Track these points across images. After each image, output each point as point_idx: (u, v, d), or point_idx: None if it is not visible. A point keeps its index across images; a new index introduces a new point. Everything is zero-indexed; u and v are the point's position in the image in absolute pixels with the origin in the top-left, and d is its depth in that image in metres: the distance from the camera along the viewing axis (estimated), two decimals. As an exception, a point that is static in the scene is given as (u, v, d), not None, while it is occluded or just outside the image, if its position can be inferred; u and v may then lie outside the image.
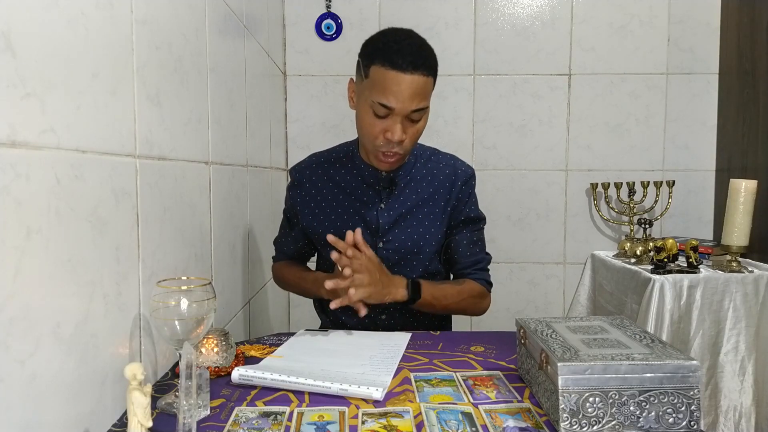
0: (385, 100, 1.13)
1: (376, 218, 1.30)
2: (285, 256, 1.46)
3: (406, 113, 1.15)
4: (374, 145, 1.21)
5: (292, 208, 1.39)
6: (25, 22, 0.58)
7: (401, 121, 1.15)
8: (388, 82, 1.12)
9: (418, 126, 1.20)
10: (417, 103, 1.14)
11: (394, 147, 1.19)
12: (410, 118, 1.16)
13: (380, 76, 1.13)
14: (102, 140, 0.74)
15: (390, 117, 1.15)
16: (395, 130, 1.15)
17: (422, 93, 1.15)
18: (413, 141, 1.21)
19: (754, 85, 2.10)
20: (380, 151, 1.21)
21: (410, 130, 1.18)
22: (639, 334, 0.82)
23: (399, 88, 1.12)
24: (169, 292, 0.72)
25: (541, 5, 2.33)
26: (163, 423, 0.75)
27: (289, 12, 2.33)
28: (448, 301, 1.29)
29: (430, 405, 0.81)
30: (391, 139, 1.16)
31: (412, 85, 1.12)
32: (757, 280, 1.82)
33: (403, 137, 1.16)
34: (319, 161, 1.37)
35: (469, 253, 1.35)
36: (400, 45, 1.14)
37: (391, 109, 1.14)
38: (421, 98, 1.15)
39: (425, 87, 1.15)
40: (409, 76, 1.12)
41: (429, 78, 1.16)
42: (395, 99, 1.12)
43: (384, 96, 1.13)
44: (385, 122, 1.16)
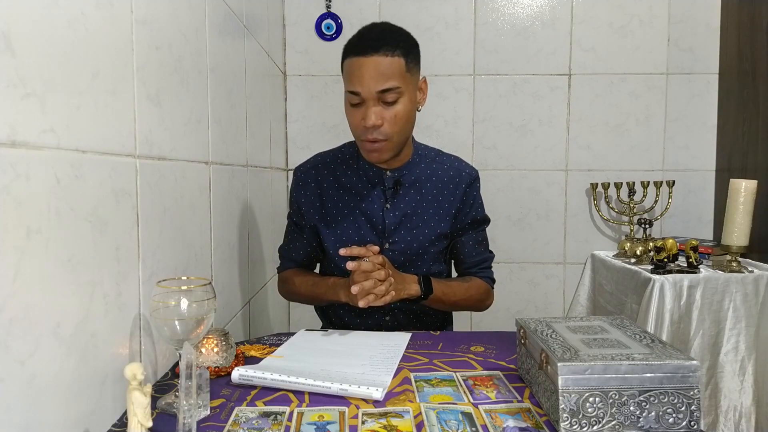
0: (351, 86, 1.17)
1: (381, 219, 1.30)
2: (293, 263, 1.40)
3: (373, 96, 1.16)
4: (358, 137, 1.22)
5: (298, 210, 1.36)
6: (25, 22, 0.58)
7: (372, 106, 1.17)
8: (352, 69, 1.17)
9: (397, 110, 1.18)
10: (381, 83, 1.15)
11: (373, 133, 1.18)
12: (383, 101, 1.17)
13: (347, 67, 1.19)
14: (102, 140, 0.74)
15: (363, 104, 1.18)
16: (368, 115, 1.17)
17: (387, 73, 1.15)
18: (395, 126, 1.19)
19: (754, 85, 2.10)
20: (364, 141, 1.21)
21: (387, 114, 1.18)
22: (639, 334, 0.82)
23: (360, 71, 1.15)
24: (169, 292, 0.72)
25: (541, 5, 2.33)
26: (163, 423, 0.75)
27: (289, 12, 2.33)
28: (456, 297, 1.31)
29: (430, 405, 0.81)
30: (366, 124, 1.17)
31: (374, 67, 1.15)
32: (757, 280, 1.82)
33: (377, 122, 1.17)
34: (324, 161, 1.37)
35: (475, 253, 1.38)
36: (361, 33, 1.20)
37: (358, 93, 1.16)
38: (386, 78, 1.15)
39: (390, 67, 1.16)
40: (370, 58, 1.15)
41: (394, 57, 1.16)
42: (359, 83, 1.16)
43: (350, 83, 1.17)
44: (360, 110, 1.19)
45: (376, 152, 1.22)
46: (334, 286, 1.27)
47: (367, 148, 1.22)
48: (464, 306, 1.37)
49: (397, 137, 1.22)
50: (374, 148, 1.21)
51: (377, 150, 1.22)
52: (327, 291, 1.29)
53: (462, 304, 1.35)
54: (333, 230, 1.32)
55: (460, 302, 1.33)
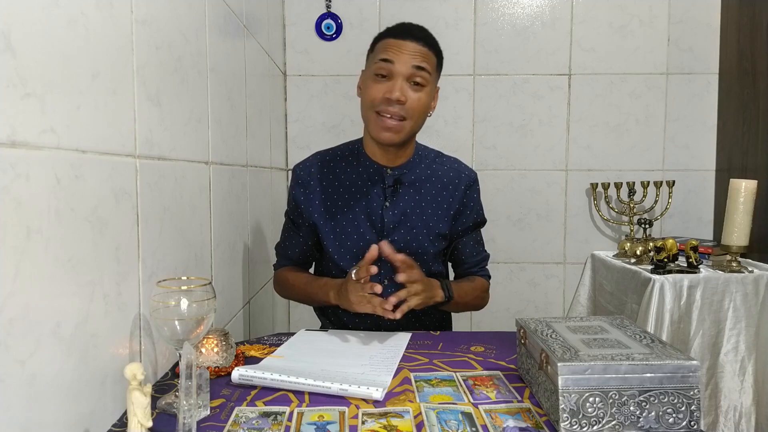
0: (386, 55, 1.21)
1: (381, 217, 1.30)
2: (289, 261, 1.41)
3: (407, 70, 1.20)
4: (374, 109, 1.23)
5: (296, 208, 1.35)
6: (25, 22, 0.58)
7: (402, 81, 1.20)
8: (390, 45, 1.22)
9: (420, 95, 1.22)
10: (418, 61, 1.20)
11: (394, 107, 1.20)
12: (412, 80, 1.21)
13: (384, 44, 1.23)
14: (102, 140, 0.74)
15: (391, 78, 1.21)
16: (395, 87, 1.20)
17: (423, 56, 1.22)
18: (415, 110, 1.22)
19: (754, 85, 2.10)
20: (381, 116, 1.22)
21: (411, 95, 1.21)
22: (639, 334, 0.82)
23: (400, 47, 1.21)
24: (169, 292, 0.72)
25: (541, 5, 2.33)
26: (163, 423, 0.75)
27: (289, 12, 2.33)
28: (467, 298, 1.35)
29: (430, 405, 0.81)
30: (391, 96, 1.19)
31: (413, 48, 1.21)
32: (757, 280, 1.82)
33: (402, 97, 1.19)
34: (324, 159, 1.37)
35: (475, 253, 1.41)
36: (405, 24, 1.26)
37: (392, 61, 1.20)
38: (422, 59, 1.21)
39: (426, 55, 1.22)
40: (411, 43, 1.21)
41: (430, 52, 1.23)
42: (395, 55, 1.20)
43: (385, 52, 1.21)
44: (386, 84, 1.21)
45: (391, 130, 1.23)
46: (325, 287, 1.27)
47: (385, 124, 1.22)
48: (471, 306, 1.40)
49: (411, 124, 1.24)
50: (391, 125, 1.22)
51: (393, 128, 1.23)
52: (318, 291, 1.29)
53: (470, 305, 1.38)
54: (332, 228, 1.32)
55: (469, 303, 1.37)
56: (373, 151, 1.32)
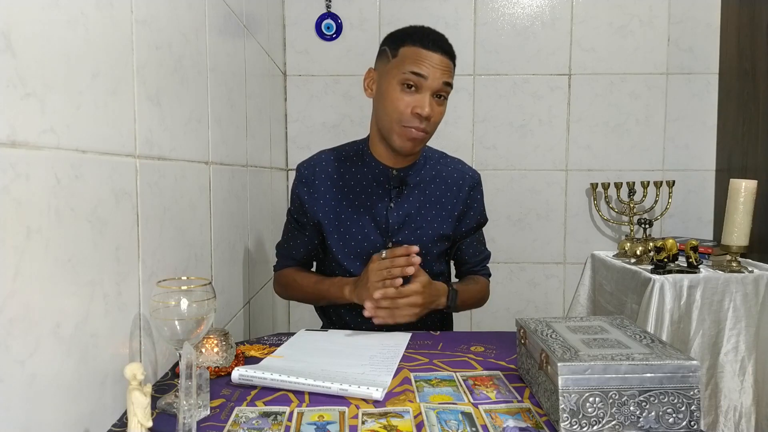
0: (419, 69, 1.19)
1: (385, 217, 1.30)
2: (293, 261, 1.40)
3: (437, 86, 1.21)
4: (401, 122, 1.23)
5: (300, 207, 1.34)
6: (25, 22, 0.58)
7: (430, 96, 1.21)
8: (422, 56, 1.20)
9: (442, 109, 1.25)
10: (447, 77, 1.22)
11: (422, 123, 1.21)
12: (438, 94, 1.22)
13: (413, 52, 1.21)
14: (102, 140, 0.74)
15: (420, 92, 1.21)
16: (425, 103, 1.20)
17: (449, 72, 1.24)
18: (436, 124, 1.25)
19: (754, 85, 2.10)
20: (408, 128, 1.22)
21: (436, 110, 1.23)
22: (639, 334, 0.82)
23: (432, 61, 1.20)
24: (169, 292, 0.72)
25: (541, 5, 2.33)
26: (163, 423, 0.75)
27: (289, 12, 2.33)
28: (472, 300, 1.38)
29: (430, 405, 0.81)
30: (421, 113, 1.20)
31: (442, 63, 1.22)
32: (757, 280, 1.82)
33: (431, 113, 1.21)
34: (329, 158, 1.36)
35: (477, 253, 1.43)
36: (429, 31, 1.26)
37: (425, 77, 1.19)
38: (449, 76, 1.24)
39: (450, 70, 1.25)
40: (440, 56, 1.21)
41: (453, 65, 1.26)
42: (428, 69, 1.20)
43: (417, 65, 1.20)
44: (414, 97, 1.21)
45: (414, 141, 1.24)
46: (339, 283, 1.27)
47: (411, 135, 1.23)
48: (475, 306, 1.42)
49: (431, 135, 1.27)
50: (416, 137, 1.23)
51: (417, 139, 1.24)
52: (331, 288, 1.28)
53: (474, 305, 1.41)
54: (336, 228, 1.32)
55: (474, 304, 1.40)
56: (380, 153, 1.32)
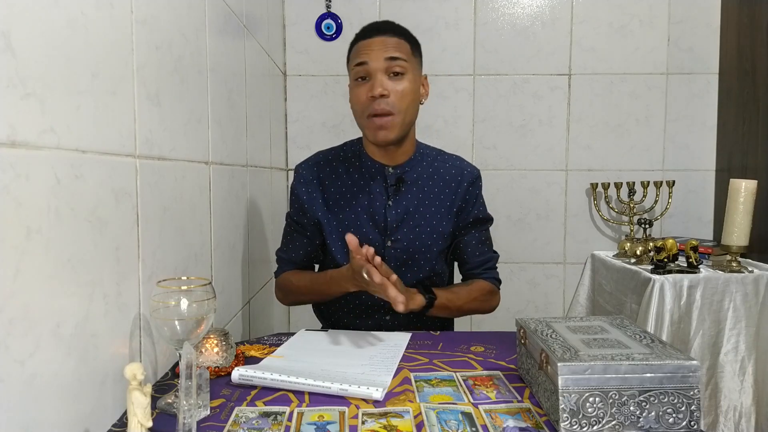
0: (359, 58, 1.23)
1: (384, 216, 1.30)
2: (292, 265, 1.38)
3: (381, 65, 1.21)
4: (364, 114, 1.23)
5: (300, 207, 1.34)
6: (25, 22, 0.58)
7: (380, 76, 1.21)
8: (361, 46, 1.24)
9: (403, 85, 1.22)
10: (390, 53, 1.21)
11: (381, 104, 1.20)
12: (390, 71, 1.22)
13: (356, 48, 1.26)
14: (102, 140, 0.74)
15: (370, 78, 1.22)
16: (375, 84, 1.21)
17: (394, 46, 1.23)
18: (402, 101, 1.22)
19: (754, 85, 2.10)
20: (371, 118, 1.22)
21: (393, 87, 1.21)
22: (639, 334, 0.82)
23: (369, 46, 1.23)
24: (169, 292, 0.72)
25: (541, 5, 2.33)
26: (163, 423, 0.75)
27: (289, 12, 2.33)
28: (461, 301, 1.30)
29: (430, 405, 0.81)
30: (373, 93, 1.20)
31: (382, 42, 1.22)
32: (757, 280, 1.82)
33: (384, 91, 1.20)
34: (327, 159, 1.36)
35: (479, 253, 1.37)
36: (372, 23, 1.29)
37: (365, 63, 1.22)
38: (395, 49, 1.22)
39: (397, 43, 1.23)
40: (378, 38, 1.23)
41: (401, 40, 1.24)
42: (366, 54, 1.22)
43: (359, 56, 1.24)
44: (366, 85, 1.23)
45: (383, 129, 1.23)
46: (338, 276, 1.24)
47: (375, 124, 1.22)
48: (470, 310, 1.35)
49: (403, 115, 1.24)
50: (381, 123, 1.22)
51: (384, 126, 1.22)
52: (330, 282, 1.26)
53: (467, 308, 1.34)
54: (335, 227, 1.31)
55: (464, 306, 1.32)
56: (373, 151, 1.32)
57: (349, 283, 1.20)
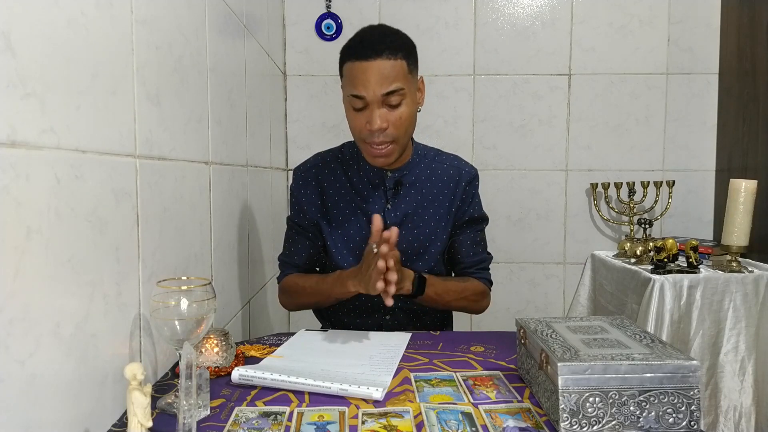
0: (355, 90, 1.17)
1: (383, 219, 1.29)
2: (295, 268, 1.37)
3: (378, 99, 1.16)
4: (362, 141, 1.22)
5: (300, 210, 1.34)
6: (25, 22, 0.58)
7: (377, 109, 1.17)
8: (355, 73, 1.16)
9: (401, 112, 1.19)
10: (386, 86, 1.15)
11: (379, 136, 1.19)
12: (387, 104, 1.17)
13: (349, 70, 1.18)
14: (102, 140, 0.74)
15: (367, 108, 1.18)
16: (373, 119, 1.17)
17: (390, 75, 1.16)
18: (400, 128, 1.20)
19: (754, 85, 2.10)
20: (368, 145, 1.21)
21: (392, 117, 1.18)
22: (639, 334, 0.82)
23: (365, 75, 1.15)
24: (169, 292, 0.72)
25: (541, 5, 2.33)
26: (163, 423, 0.75)
27: (289, 12, 2.33)
28: (450, 297, 1.30)
29: (430, 405, 0.81)
30: (371, 128, 1.17)
31: (378, 70, 1.15)
32: (757, 280, 1.82)
33: (383, 125, 1.17)
34: (325, 161, 1.36)
35: (472, 253, 1.37)
36: (362, 37, 1.20)
37: (362, 97, 1.16)
38: (391, 81, 1.16)
39: (393, 69, 1.16)
40: (373, 62, 1.15)
41: (396, 60, 1.17)
42: (363, 87, 1.16)
43: (354, 87, 1.17)
44: (364, 114, 1.19)
45: (382, 157, 1.22)
46: (340, 278, 1.24)
47: (374, 153, 1.21)
48: (459, 306, 1.36)
49: (402, 139, 1.22)
50: (381, 153, 1.21)
51: (384, 155, 1.22)
52: (333, 285, 1.25)
53: (456, 304, 1.34)
54: (334, 229, 1.31)
55: (453, 302, 1.32)
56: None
57: (351, 281, 1.19)
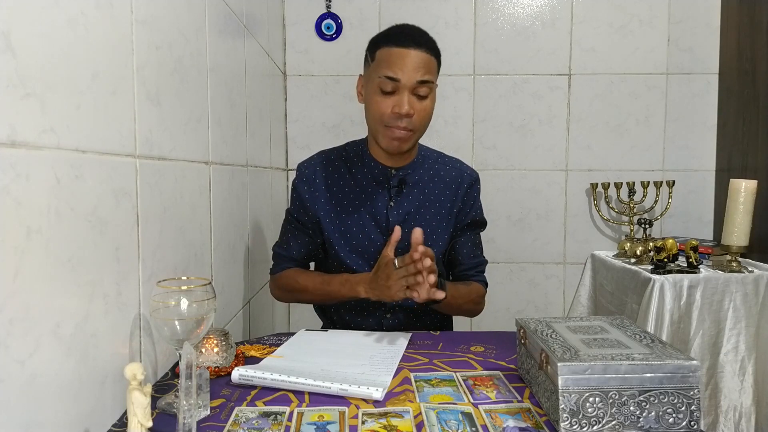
0: (392, 72, 1.19)
1: (385, 216, 1.30)
2: (292, 262, 1.36)
3: (412, 85, 1.19)
4: (383, 123, 1.23)
5: (302, 205, 1.33)
6: (25, 22, 0.58)
7: (408, 95, 1.19)
8: (393, 57, 1.19)
9: (426, 104, 1.22)
10: (422, 75, 1.19)
11: (403, 122, 1.21)
12: (417, 93, 1.20)
13: (386, 54, 1.21)
14: (102, 140, 0.74)
15: (397, 92, 1.20)
16: (402, 102, 1.19)
17: (427, 67, 1.20)
18: (422, 120, 1.23)
19: (754, 85, 2.10)
20: (390, 128, 1.22)
21: (418, 107, 1.21)
22: (639, 334, 0.82)
23: (404, 61, 1.19)
24: (169, 292, 0.72)
25: (541, 5, 2.33)
26: (163, 423, 0.75)
27: (289, 12, 2.33)
28: (461, 300, 1.31)
29: (430, 405, 0.81)
30: (400, 111, 1.19)
31: (417, 59, 1.19)
32: (757, 280, 1.82)
33: (411, 111, 1.19)
34: (329, 158, 1.37)
35: (472, 256, 1.39)
36: (403, 28, 1.24)
37: (398, 80, 1.19)
38: (426, 71, 1.20)
39: (429, 63, 1.21)
40: (414, 51, 1.19)
41: (432, 58, 1.22)
42: (401, 70, 1.18)
43: (390, 69, 1.19)
44: (392, 98, 1.21)
45: (400, 140, 1.23)
46: (348, 283, 1.24)
47: (394, 135, 1.23)
48: (463, 310, 1.36)
49: (419, 132, 1.25)
50: (400, 136, 1.22)
51: (403, 139, 1.23)
52: (341, 288, 1.25)
53: (465, 307, 1.35)
54: (337, 227, 1.32)
55: (462, 306, 1.33)
56: (378, 153, 1.32)
57: (363, 287, 1.21)
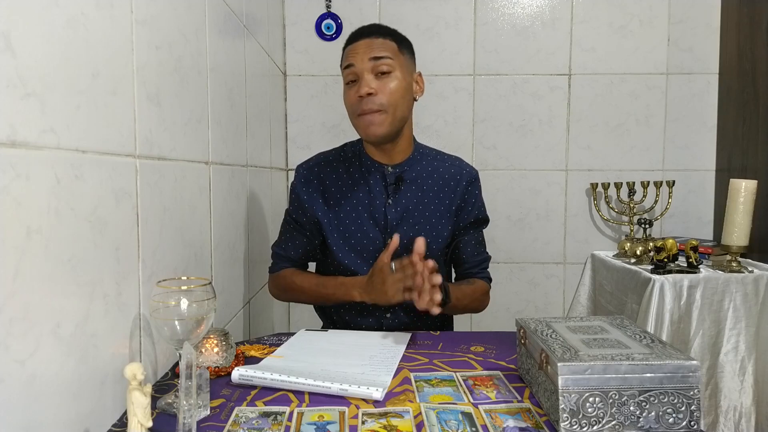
0: (347, 61, 1.26)
1: (384, 214, 1.30)
2: (290, 262, 1.38)
3: (367, 65, 1.23)
4: (356, 114, 1.26)
5: (300, 206, 1.34)
6: (25, 22, 0.58)
7: (366, 75, 1.23)
8: (349, 51, 1.28)
9: (389, 81, 1.24)
10: (375, 52, 1.24)
11: (368, 103, 1.23)
12: (377, 71, 1.24)
13: (345, 53, 1.29)
14: (102, 140, 0.74)
15: (358, 80, 1.25)
16: (362, 83, 1.23)
17: (381, 46, 1.25)
18: (390, 98, 1.24)
19: (754, 85, 2.10)
20: (362, 116, 1.25)
21: (381, 86, 1.23)
22: (639, 334, 0.82)
23: (355, 49, 1.26)
24: (169, 292, 0.72)
25: (541, 5, 2.33)
26: (163, 423, 0.75)
27: (289, 12, 2.33)
28: (465, 301, 1.33)
29: (430, 405, 0.81)
30: (360, 92, 1.23)
31: (367, 43, 1.25)
32: (757, 280, 1.82)
33: (370, 89, 1.22)
34: (327, 159, 1.38)
35: (476, 253, 1.40)
36: (362, 27, 1.30)
37: (353, 65, 1.25)
38: (381, 49, 1.24)
39: (383, 44, 1.25)
40: (364, 40, 1.26)
41: (386, 39, 1.26)
42: (353, 57, 1.25)
43: (346, 60, 1.27)
44: (355, 86, 1.25)
45: (373, 125, 1.24)
46: (343, 286, 1.26)
47: (365, 122, 1.25)
48: (469, 309, 1.38)
49: (393, 110, 1.25)
50: (371, 121, 1.24)
51: (374, 123, 1.24)
52: (336, 291, 1.27)
53: (468, 307, 1.37)
54: (336, 227, 1.32)
55: (468, 306, 1.35)
56: (373, 152, 1.33)
57: (358, 291, 1.23)
